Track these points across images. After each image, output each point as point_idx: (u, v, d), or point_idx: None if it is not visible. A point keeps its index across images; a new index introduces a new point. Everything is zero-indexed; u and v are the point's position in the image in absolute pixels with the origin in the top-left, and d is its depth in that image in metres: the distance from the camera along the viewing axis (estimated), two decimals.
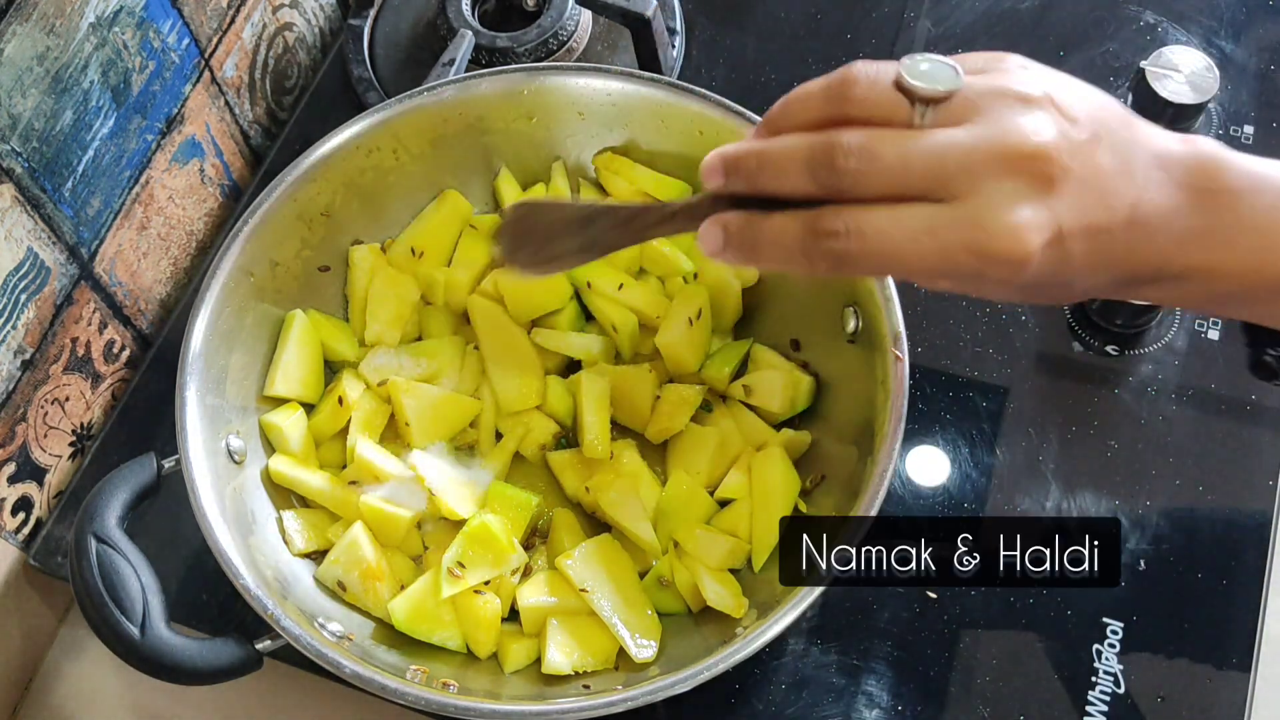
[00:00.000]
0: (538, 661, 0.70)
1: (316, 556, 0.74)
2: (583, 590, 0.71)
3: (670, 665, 0.66)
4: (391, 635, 0.70)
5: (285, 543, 0.73)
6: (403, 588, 0.71)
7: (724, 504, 0.76)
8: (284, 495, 0.75)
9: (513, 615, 0.72)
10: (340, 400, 0.77)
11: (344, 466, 0.77)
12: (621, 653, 0.70)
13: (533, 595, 0.71)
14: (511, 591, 0.72)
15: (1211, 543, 0.75)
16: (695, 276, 0.82)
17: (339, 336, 0.80)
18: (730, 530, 0.74)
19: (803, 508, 0.73)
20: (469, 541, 0.70)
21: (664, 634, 0.71)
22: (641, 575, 0.74)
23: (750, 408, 0.78)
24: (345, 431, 0.77)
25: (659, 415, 0.78)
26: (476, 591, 0.71)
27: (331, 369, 0.81)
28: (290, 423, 0.75)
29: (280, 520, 0.73)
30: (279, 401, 0.77)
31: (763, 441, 0.77)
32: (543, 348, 0.80)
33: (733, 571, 0.73)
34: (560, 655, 0.69)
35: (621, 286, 0.80)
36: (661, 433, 0.78)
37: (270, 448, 0.76)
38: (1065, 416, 0.80)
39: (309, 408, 0.78)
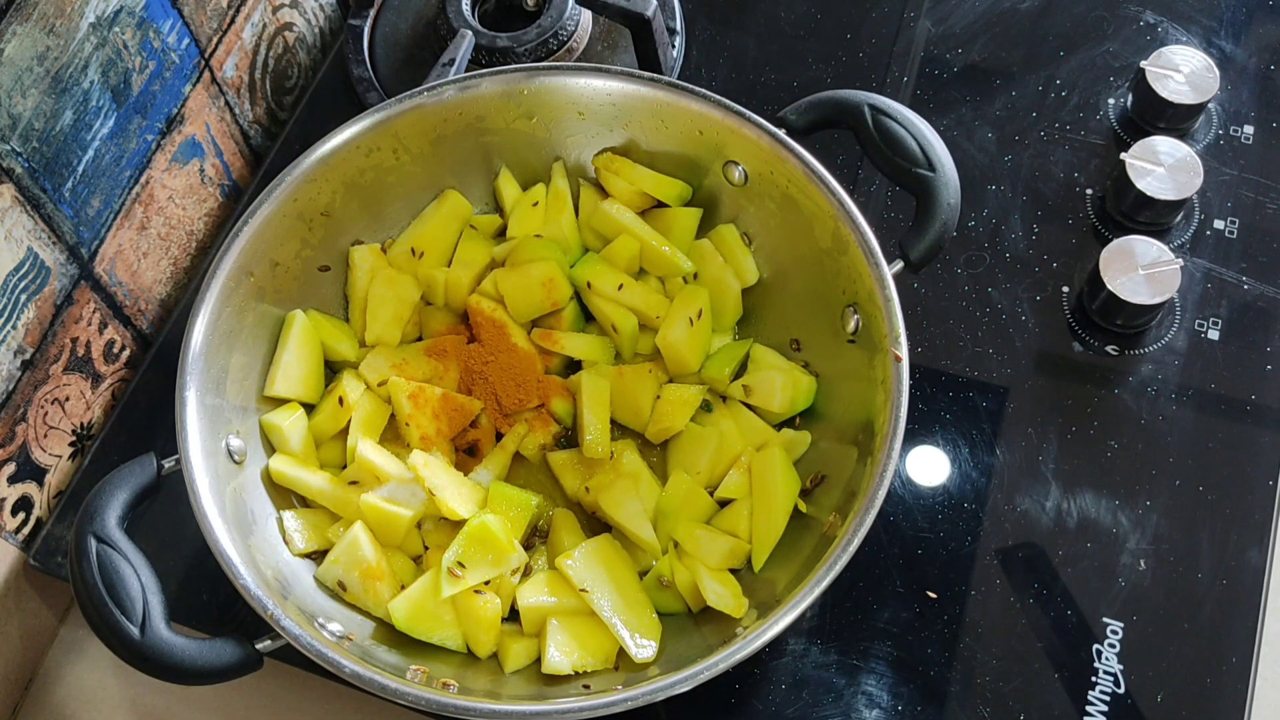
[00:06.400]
0: (538, 661, 0.70)
1: (316, 556, 0.74)
2: (583, 590, 0.71)
3: (670, 665, 0.66)
4: (391, 635, 0.70)
5: (285, 543, 0.73)
6: (403, 588, 0.71)
7: (724, 504, 0.76)
8: (284, 495, 0.75)
9: (513, 615, 0.72)
10: (340, 400, 0.77)
11: (344, 466, 0.77)
12: (621, 653, 0.70)
13: (533, 595, 0.71)
14: (511, 591, 0.72)
15: (1211, 543, 0.75)
16: (695, 276, 0.82)
17: (339, 336, 0.80)
18: (730, 530, 0.74)
19: (803, 508, 0.73)
20: (469, 541, 0.70)
21: (664, 634, 0.71)
22: (641, 575, 0.74)
23: (750, 408, 0.78)
24: (345, 431, 0.77)
25: (659, 415, 0.78)
26: (476, 591, 0.70)
27: (331, 369, 0.81)
28: (290, 423, 0.75)
29: (280, 520, 0.73)
30: (279, 401, 0.77)
31: (763, 441, 0.76)
32: (543, 348, 0.80)
33: (733, 571, 0.73)
34: (560, 655, 0.69)
35: (621, 286, 0.80)
36: (661, 433, 0.78)
37: (270, 448, 0.76)
38: (1065, 416, 0.80)
39: (309, 408, 0.78)
